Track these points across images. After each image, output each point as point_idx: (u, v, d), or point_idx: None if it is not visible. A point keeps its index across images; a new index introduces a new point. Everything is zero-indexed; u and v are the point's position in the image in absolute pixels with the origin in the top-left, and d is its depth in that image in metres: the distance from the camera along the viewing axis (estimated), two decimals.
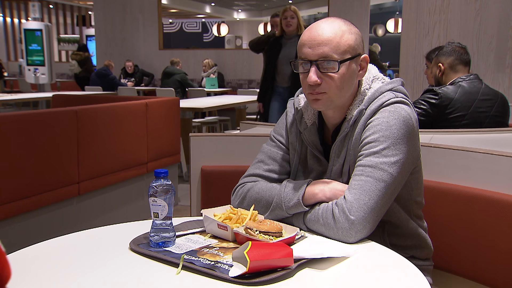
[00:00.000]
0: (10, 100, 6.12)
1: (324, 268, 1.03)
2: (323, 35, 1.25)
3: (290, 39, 4.33)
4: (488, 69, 4.02)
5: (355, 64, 1.29)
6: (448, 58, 2.62)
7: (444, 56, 2.63)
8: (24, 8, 16.71)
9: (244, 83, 8.82)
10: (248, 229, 1.15)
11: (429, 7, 4.18)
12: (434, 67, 2.69)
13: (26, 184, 2.65)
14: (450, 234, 1.58)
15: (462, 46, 2.67)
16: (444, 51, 2.64)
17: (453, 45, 2.65)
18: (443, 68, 2.62)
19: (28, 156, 2.64)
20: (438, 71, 2.66)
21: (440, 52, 2.67)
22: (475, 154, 1.57)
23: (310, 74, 1.25)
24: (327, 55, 1.24)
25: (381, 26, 14.83)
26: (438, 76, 2.66)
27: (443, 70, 2.63)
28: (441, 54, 2.65)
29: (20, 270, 1.03)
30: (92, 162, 3.09)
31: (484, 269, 1.52)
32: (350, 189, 1.22)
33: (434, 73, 2.69)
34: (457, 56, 2.61)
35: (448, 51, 2.63)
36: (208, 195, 1.98)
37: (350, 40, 1.27)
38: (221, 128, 7.09)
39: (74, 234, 1.25)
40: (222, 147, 2.00)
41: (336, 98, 1.29)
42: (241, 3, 17.97)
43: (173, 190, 1.15)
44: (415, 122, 1.29)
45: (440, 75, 2.65)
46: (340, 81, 1.26)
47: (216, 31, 16.52)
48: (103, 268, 1.04)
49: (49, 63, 7.50)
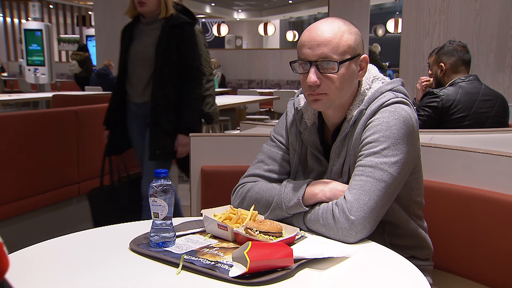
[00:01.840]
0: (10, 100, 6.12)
1: (324, 268, 1.04)
2: (323, 36, 1.25)
3: (150, 26, 2.61)
4: (488, 69, 4.02)
5: (355, 64, 1.29)
6: (450, 58, 2.61)
7: (446, 56, 2.62)
8: (24, 8, 16.71)
9: (244, 83, 8.82)
10: (248, 229, 1.15)
11: (429, 7, 4.18)
12: (435, 66, 2.68)
13: (26, 184, 2.65)
14: (450, 234, 1.58)
15: (463, 44, 2.66)
16: (446, 51, 2.63)
17: (454, 45, 2.64)
18: (445, 68, 2.62)
19: (28, 156, 2.64)
20: (439, 70, 2.65)
21: (441, 51, 2.65)
22: (475, 154, 1.57)
23: (310, 74, 1.25)
24: (327, 56, 1.24)
25: (381, 26, 14.83)
26: (439, 75, 2.65)
27: (444, 70, 2.62)
28: (443, 53, 2.63)
29: (20, 270, 1.03)
30: (92, 162, 3.09)
31: (484, 269, 1.52)
32: (350, 189, 1.22)
33: (435, 73, 2.69)
34: (459, 56, 2.60)
35: (450, 50, 2.62)
36: (208, 195, 1.98)
37: (349, 40, 1.26)
38: (221, 128, 7.09)
39: (74, 234, 1.25)
40: (222, 147, 2.00)
41: (336, 99, 1.29)
42: (241, 3, 17.96)
43: (173, 190, 1.15)
44: (415, 122, 1.29)
45: (441, 75, 2.64)
46: (340, 81, 1.26)
47: (216, 31, 16.52)
48: (103, 268, 1.04)
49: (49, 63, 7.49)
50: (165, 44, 2.52)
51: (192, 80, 2.58)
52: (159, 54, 2.52)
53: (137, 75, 2.61)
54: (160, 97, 2.52)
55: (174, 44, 2.53)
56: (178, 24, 2.56)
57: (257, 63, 8.78)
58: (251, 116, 7.28)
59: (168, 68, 2.53)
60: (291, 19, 19.20)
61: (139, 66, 2.58)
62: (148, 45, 2.56)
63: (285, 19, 19.61)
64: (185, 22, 2.60)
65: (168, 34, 2.53)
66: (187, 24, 2.60)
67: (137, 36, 2.63)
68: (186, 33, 2.58)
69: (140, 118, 2.63)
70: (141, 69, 2.57)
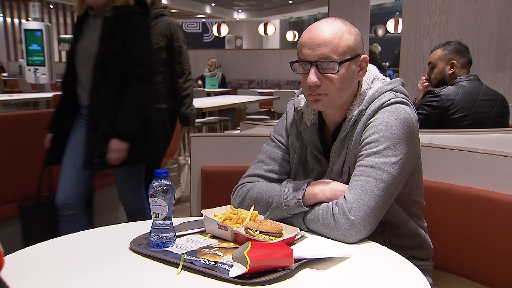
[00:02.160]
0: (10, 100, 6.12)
1: (324, 268, 1.04)
2: (323, 36, 1.25)
3: (97, 19, 2.32)
4: (488, 69, 4.02)
5: (355, 64, 1.29)
6: (462, 58, 2.61)
7: (459, 55, 2.61)
8: (24, 8, 16.71)
9: (244, 83, 8.82)
10: (248, 229, 1.15)
11: (429, 7, 4.18)
12: (442, 62, 2.64)
13: (26, 184, 2.65)
14: (450, 234, 1.58)
15: (466, 46, 2.68)
16: (458, 49, 2.62)
17: (464, 46, 2.65)
18: (456, 66, 2.60)
19: (28, 156, 2.64)
20: (448, 67, 2.62)
21: (452, 49, 2.62)
22: (475, 154, 1.57)
23: (310, 75, 1.25)
24: (327, 56, 1.24)
25: (381, 26, 14.83)
26: (447, 72, 2.63)
27: (455, 68, 2.60)
28: (454, 51, 2.61)
29: (20, 270, 1.03)
30: None
31: (484, 269, 1.52)
32: (350, 189, 1.22)
33: (442, 69, 2.66)
34: (469, 58, 2.63)
35: (461, 50, 2.62)
36: (208, 195, 1.98)
37: (349, 40, 1.26)
38: (221, 128, 7.09)
39: (74, 234, 1.25)
40: (222, 147, 2.00)
41: (336, 99, 1.29)
42: (241, 3, 17.97)
43: (173, 190, 1.15)
44: (415, 122, 1.29)
45: (451, 72, 2.61)
46: (340, 82, 1.26)
47: (216, 31, 16.52)
48: (103, 268, 1.05)
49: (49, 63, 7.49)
50: (108, 38, 2.21)
51: (135, 77, 2.22)
52: (101, 50, 2.21)
53: (84, 74, 2.31)
54: (100, 98, 2.20)
55: (118, 38, 2.21)
56: (123, 14, 2.22)
57: (257, 63, 8.78)
58: (251, 116, 7.28)
59: (112, 65, 2.20)
60: (291, 19, 19.21)
61: (85, 64, 2.28)
62: (93, 40, 2.26)
63: (285, 19, 19.62)
64: (131, 11, 2.25)
65: (112, 26, 2.21)
66: (135, 15, 2.26)
67: (85, 31, 2.34)
68: (132, 24, 2.23)
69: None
70: (87, 67, 2.27)
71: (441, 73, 2.65)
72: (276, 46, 19.07)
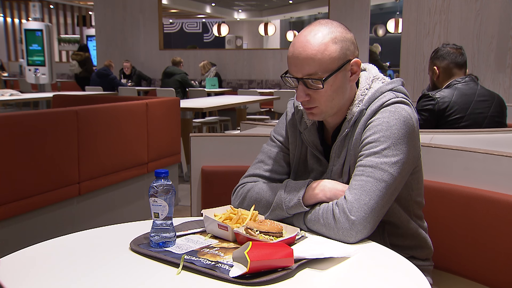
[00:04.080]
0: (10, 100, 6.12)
1: (324, 268, 1.04)
2: (305, 53, 1.24)
3: None
4: (488, 69, 4.02)
5: (344, 71, 1.28)
6: (442, 62, 2.63)
7: (439, 59, 2.65)
8: (24, 8, 16.72)
9: (245, 83, 8.82)
10: (248, 229, 1.15)
11: (429, 7, 4.18)
12: (430, 70, 2.72)
13: (27, 184, 2.65)
14: (450, 234, 1.58)
15: (457, 47, 2.68)
16: (439, 54, 2.66)
17: (447, 48, 2.66)
18: (438, 72, 2.64)
19: (28, 156, 2.64)
20: (432, 74, 2.68)
21: (435, 55, 2.68)
22: (475, 154, 1.57)
23: (298, 92, 1.27)
24: (311, 74, 1.24)
25: (382, 26, 14.82)
26: (434, 79, 2.69)
27: (437, 74, 2.65)
28: (436, 57, 2.67)
29: (20, 270, 1.03)
30: (92, 162, 3.09)
31: (484, 269, 1.52)
32: (350, 189, 1.22)
33: (431, 76, 2.72)
34: (452, 59, 2.62)
35: (442, 54, 2.65)
36: (209, 195, 1.98)
37: (334, 52, 1.25)
38: (221, 128, 7.09)
39: (74, 234, 1.25)
40: (222, 147, 2.00)
41: (328, 109, 1.30)
42: (242, 3, 17.96)
43: (173, 190, 1.15)
44: (415, 122, 1.30)
45: (436, 79, 2.67)
46: (328, 94, 1.27)
47: (216, 31, 16.51)
48: (103, 268, 1.05)
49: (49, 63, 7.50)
50: None
51: None
52: None
53: None
54: None
55: None
56: None
57: (257, 63, 8.77)
58: (251, 116, 7.28)
59: None
60: (292, 19, 19.19)
61: None
62: None
63: (286, 19, 19.60)
64: None
65: None
66: None
67: None
68: None
69: None
70: None
71: (432, 81, 2.71)
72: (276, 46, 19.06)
